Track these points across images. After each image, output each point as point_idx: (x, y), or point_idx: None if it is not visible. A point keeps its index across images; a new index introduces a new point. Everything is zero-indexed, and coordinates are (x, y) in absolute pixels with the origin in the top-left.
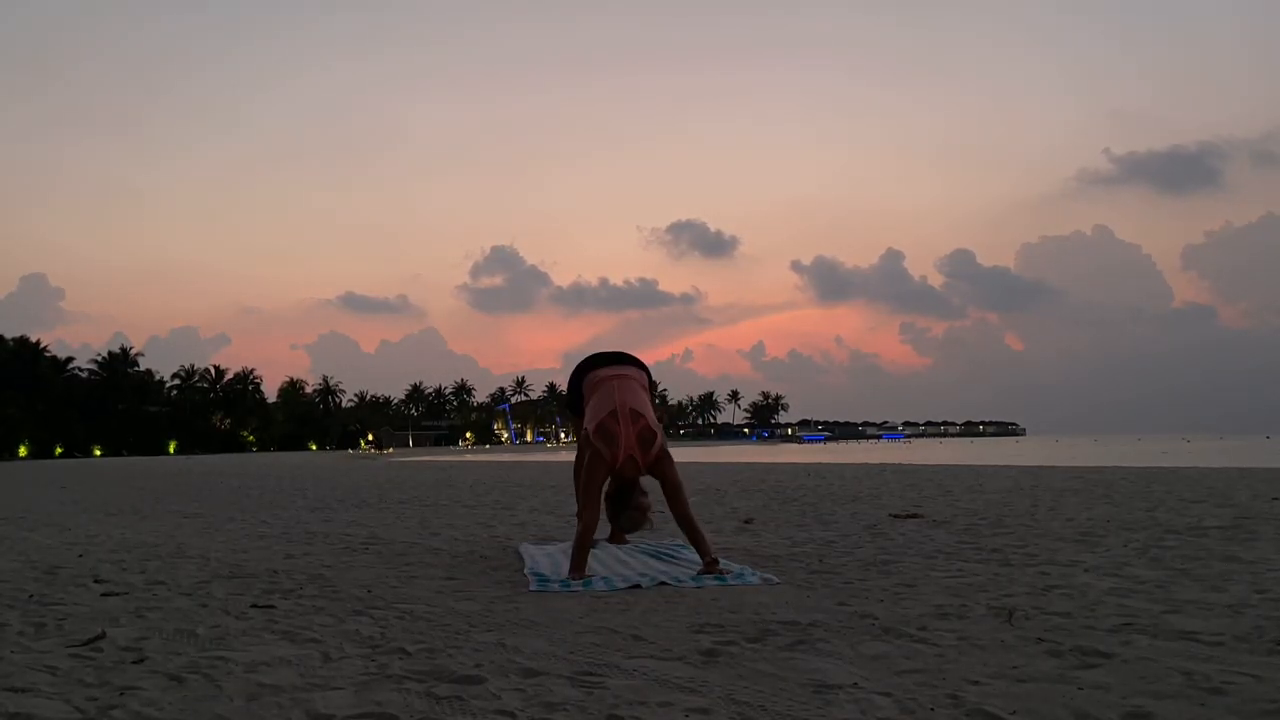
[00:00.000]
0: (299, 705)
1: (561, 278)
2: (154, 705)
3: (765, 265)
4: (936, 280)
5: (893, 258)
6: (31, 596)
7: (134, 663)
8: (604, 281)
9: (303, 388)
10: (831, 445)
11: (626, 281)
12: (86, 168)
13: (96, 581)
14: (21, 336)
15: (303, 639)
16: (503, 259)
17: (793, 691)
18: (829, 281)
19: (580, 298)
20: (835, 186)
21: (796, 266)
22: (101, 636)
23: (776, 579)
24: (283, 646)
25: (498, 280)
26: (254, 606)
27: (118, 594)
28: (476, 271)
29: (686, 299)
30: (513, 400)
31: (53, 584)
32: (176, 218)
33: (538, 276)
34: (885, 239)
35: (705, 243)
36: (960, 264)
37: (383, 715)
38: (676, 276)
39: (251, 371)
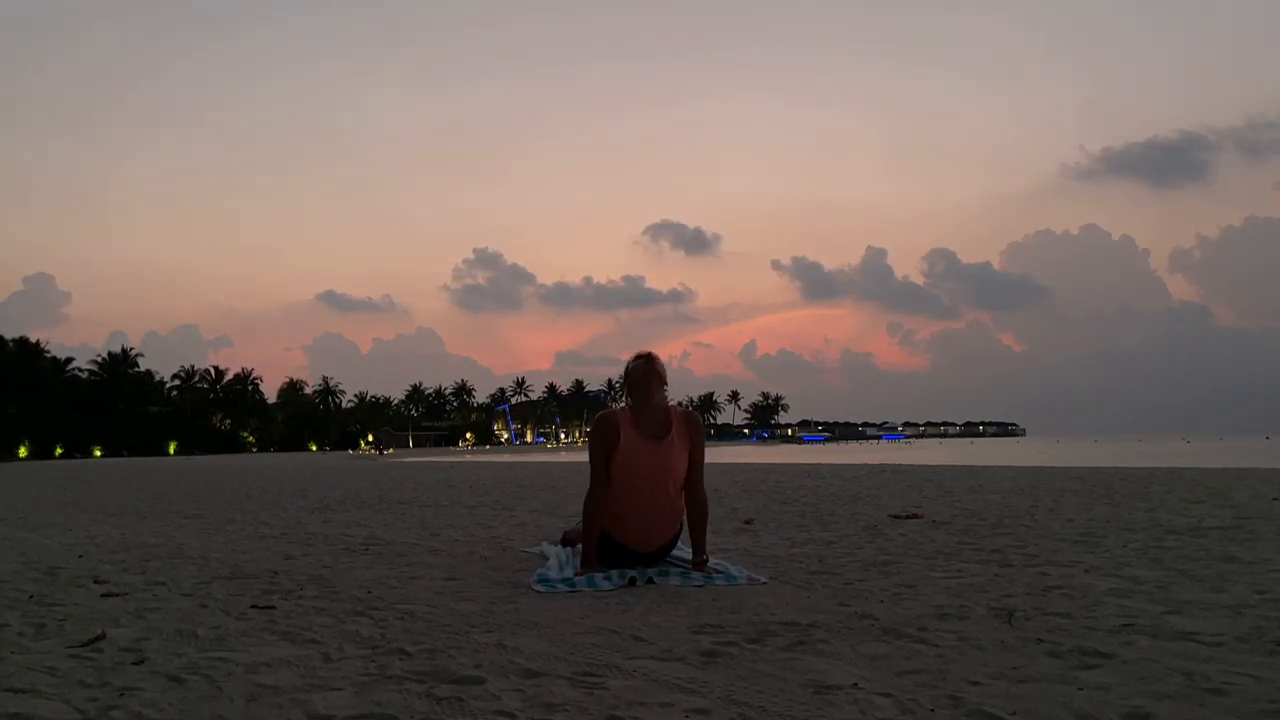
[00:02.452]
0: (299, 706)
1: (546, 279)
2: (154, 706)
3: (751, 264)
4: (922, 279)
5: (876, 256)
6: (31, 597)
7: (134, 663)
8: (588, 280)
9: (303, 388)
10: (831, 446)
11: (610, 280)
12: (86, 169)
13: (96, 582)
14: (21, 337)
15: (303, 640)
16: (486, 260)
17: (793, 692)
18: (815, 281)
19: (567, 297)
20: (810, 184)
21: (779, 266)
22: (101, 637)
23: (763, 579)
24: (283, 647)
25: (485, 281)
26: (254, 607)
27: (118, 595)
28: (461, 273)
29: (675, 296)
30: (512, 401)
31: (53, 585)
32: (174, 219)
33: (524, 276)
34: (865, 237)
35: (685, 241)
36: (942, 262)
37: (383, 716)
38: (662, 276)
39: (251, 372)
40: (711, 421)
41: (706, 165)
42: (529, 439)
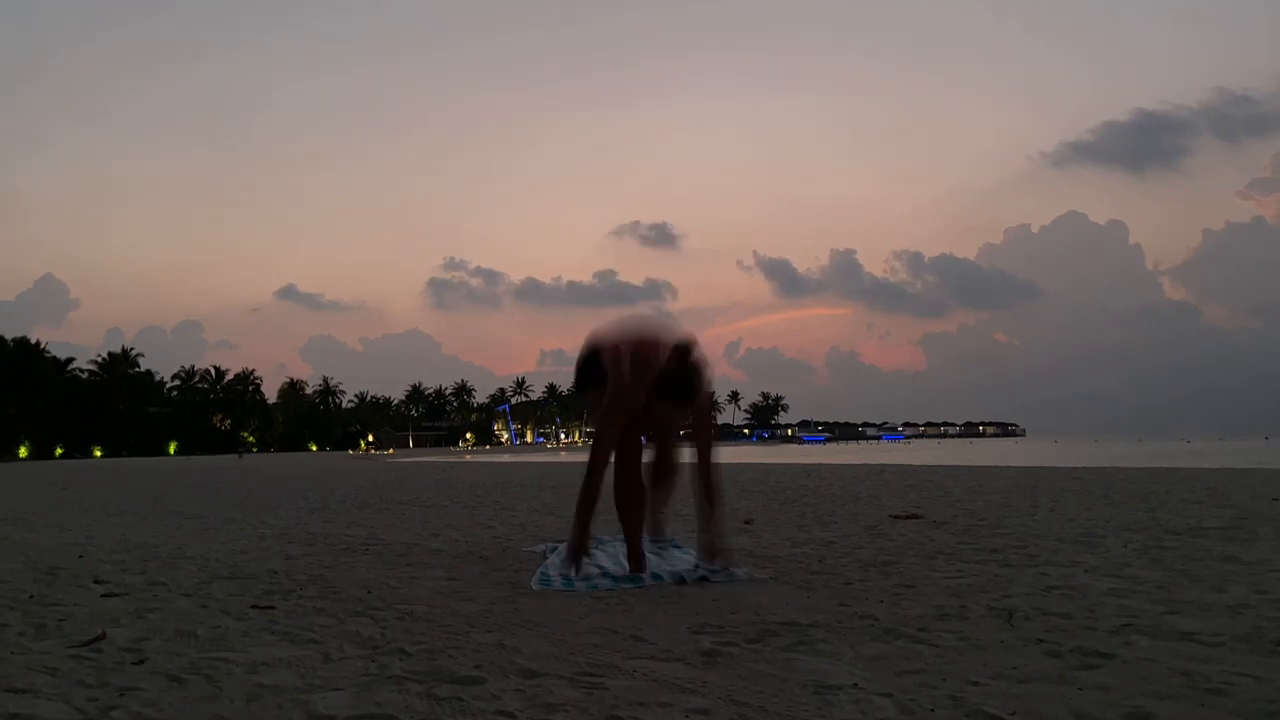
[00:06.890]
0: (299, 706)
1: (516, 277)
2: (154, 706)
3: (719, 262)
4: (896, 277)
5: (845, 254)
6: (31, 597)
7: (134, 663)
8: (559, 278)
9: (303, 388)
10: (832, 446)
11: (585, 280)
12: (89, 169)
13: (97, 582)
14: (21, 337)
15: (303, 640)
16: (459, 264)
17: (793, 692)
18: (788, 280)
19: (541, 294)
20: (773, 181)
21: (744, 265)
22: (101, 637)
23: (763, 578)
24: (283, 647)
25: (464, 282)
26: (254, 607)
27: (118, 595)
28: (439, 274)
29: (655, 292)
30: (513, 401)
31: (53, 585)
32: (171, 219)
33: (494, 277)
34: (829, 234)
35: (653, 239)
36: (915, 260)
37: (383, 716)
38: (634, 274)
39: (252, 372)
40: (712, 422)
41: (668, 163)
42: (529, 439)
